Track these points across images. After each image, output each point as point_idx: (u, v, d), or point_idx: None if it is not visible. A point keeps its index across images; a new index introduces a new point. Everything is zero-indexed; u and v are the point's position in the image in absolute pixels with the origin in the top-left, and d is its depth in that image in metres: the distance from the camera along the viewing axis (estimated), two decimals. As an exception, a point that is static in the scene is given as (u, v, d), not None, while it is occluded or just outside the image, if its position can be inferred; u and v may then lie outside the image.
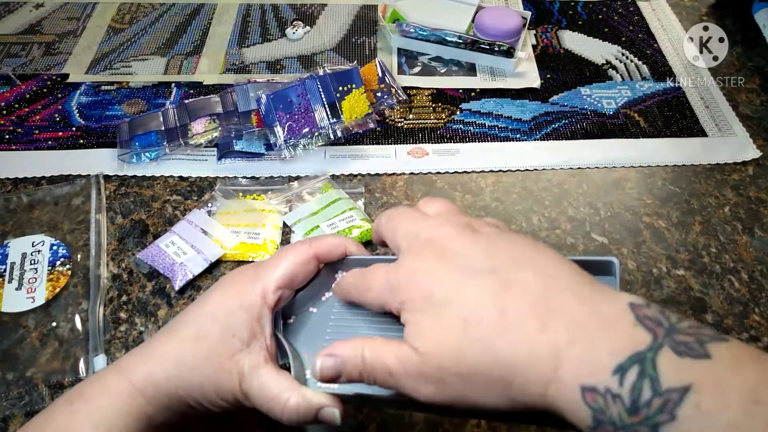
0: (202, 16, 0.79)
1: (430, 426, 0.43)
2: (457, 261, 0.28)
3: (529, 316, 0.25)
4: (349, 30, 0.77)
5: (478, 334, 0.26)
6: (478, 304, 0.26)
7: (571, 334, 0.24)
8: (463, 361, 0.26)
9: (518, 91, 0.69)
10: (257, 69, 0.72)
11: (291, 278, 0.35)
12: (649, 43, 0.76)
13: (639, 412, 0.22)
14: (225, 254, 0.52)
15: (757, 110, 0.68)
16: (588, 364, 0.23)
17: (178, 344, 0.34)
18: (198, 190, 0.59)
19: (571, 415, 0.24)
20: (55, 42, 0.74)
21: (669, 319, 0.23)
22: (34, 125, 0.64)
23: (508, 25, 0.71)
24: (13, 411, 0.44)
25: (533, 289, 0.26)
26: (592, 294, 0.25)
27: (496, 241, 0.29)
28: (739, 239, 0.55)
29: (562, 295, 0.25)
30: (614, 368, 0.22)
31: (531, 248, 0.28)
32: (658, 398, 0.21)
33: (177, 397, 0.33)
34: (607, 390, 0.22)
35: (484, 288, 0.27)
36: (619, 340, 0.23)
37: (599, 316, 0.24)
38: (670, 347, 0.22)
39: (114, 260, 0.53)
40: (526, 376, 0.25)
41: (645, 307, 0.24)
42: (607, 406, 0.22)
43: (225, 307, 0.34)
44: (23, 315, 0.49)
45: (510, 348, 0.25)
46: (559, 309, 0.25)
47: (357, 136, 0.64)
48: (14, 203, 0.57)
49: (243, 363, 0.33)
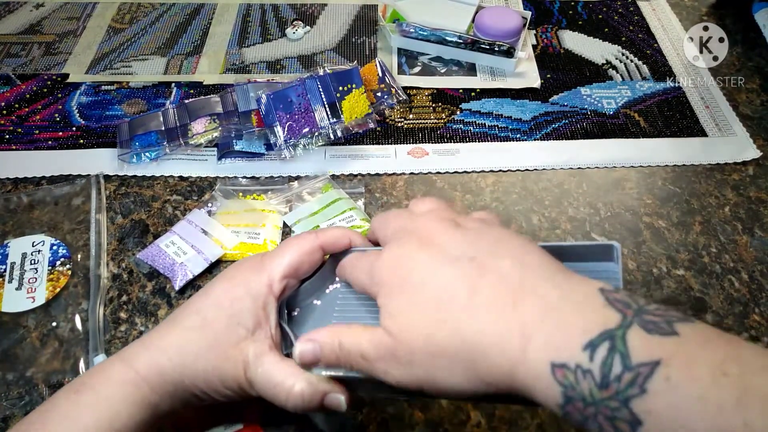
0: (202, 16, 0.79)
1: (430, 426, 0.43)
2: (438, 250, 0.29)
3: (501, 297, 0.26)
4: (350, 30, 0.77)
5: (447, 315, 0.27)
6: (452, 287, 0.27)
7: (542, 313, 0.25)
8: (432, 341, 0.27)
9: (518, 91, 0.69)
10: (257, 69, 0.72)
11: (296, 267, 0.35)
12: (649, 43, 0.76)
13: (609, 387, 0.22)
14: (225, 254, 0.52)
15: (757, 110, 0.68)
16: (558, 341, 0.24)
17: (183, 333, 0.34)
18: (198, 190, 0.59)
19: (541, 393, 0.24)
20: (55, 42, 0.74)
21: (638, 302, 0.24)
22: (34, 125, 0.64)
23: (508, 25, 0.71)
24: (13, 411, 0.44)
25: (508, 274, 0.27)
26: (564, 281, 0.26)
27: (480, 234, 0.29)
28: (739, 239, 0.55)
29: (536, 280, 0.26)
30: (584, 344, 0.23)
31: (512, 240, 0.29)
32: (628, 372, 0.22)
33: (182, 386, 0.33)
34: (577, 366, 0.23)
35: (460, 272, 0.27)
36: (589, 318, 0.24)
37: (570, 299, 0.25)
38: (640, 325, 0.23)
39: (114, 260, 0.53)
40: (494, 356, 0.25)
41: (615, 291, 0.25)
42: (578, 382, 0.23)
43: (230, 295, 0.34)
44: (23, 315, 0.49)
45: (478, 326, 0.26)
46: (531, 291, 0.26)
47: (357, 136, 0.64)
48: (14, 203, 0.57)
49: (248, 351, 0.33)
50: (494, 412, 0.44)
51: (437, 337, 0.26)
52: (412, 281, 0.28)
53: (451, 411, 0.44)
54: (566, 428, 0.43)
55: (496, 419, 0.43)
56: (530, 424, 0.43)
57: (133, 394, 0.32)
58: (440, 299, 0.27)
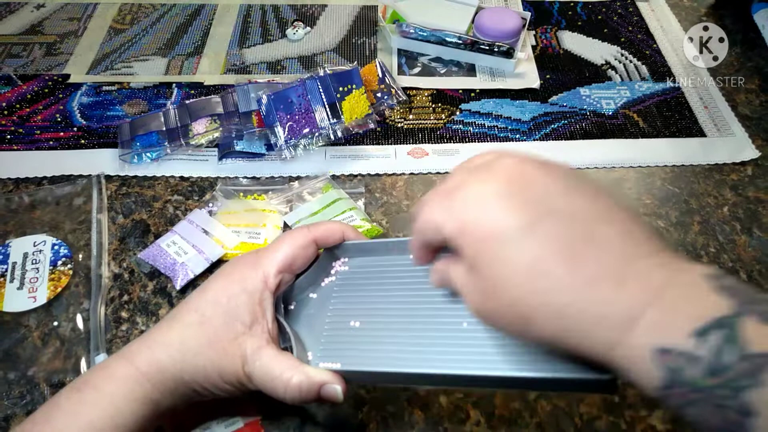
0: (202, 16, 0.79)
1: (430, 424, 0.43)
2: (531, 191, 0.26)
3: (606, 273, 0.24)
4: (350, 31, 0.77)
5: (544, 286, 0.24)
6: (551, 252, 0.24)
7: (648, 296, 0.23)
8: (519, 311, 0.25)
9: (518, 91, 0.69)
10: (258, 69, 0.72)
11: (291, 261, 0.36)
12: (648, 43, 0.76)
13: (719, 375, 0.21)
14: (226, 254, 0.53)
15: (756, 110, 0.68)
16: (665, 326, 0.23)
17: (182, 330, 0.34)
18: (199, 190, 0.59)
19: (638, 374, 0.23)
20: (56, 42, 0.75)
21: (746, 290, 0.23)
22: (36, 125, 0.65)
23: (507, 26, 0.71)
24: (14, 410, 0.44)
25: (613, 245, 0.24)
26: (668, 260, 0.24)
27: (573, 179, 0.26)
28: (738, 239, 0.56)
29: (640, 256, 0.24)
30: (694, 331, 0.22)
31: (609, 199, 0.26)
32: (743, 362, 0.21)
33: (183, 382, 0.33)
34: (684, 352, 0.22)
35: (560, 234, 0.24)
36: (698, 304, 0.23)
37: (677, 281, 0.23)
38: (756, 315, 0.22)
39: (115, 260, 0.53)
40: (592, 336, 0.24)
41: (722, 277, 0.24)
42: (684, 368, 0.22)
43: (227, 291, 0.35)
44: (25, 314, 0.49)
45: (580, 305, 0.24)
46: (636, 270, 0.24)
47: (357, 136, 0.64)
48: (16, 203, 0.57)
49: (245, 346, 0.34)
50: (494, 411, 0.44)
51: (528, 307, 0.25)
52: (499, 233, 0.25)
53: (450, 410, 0.44)
54: (566, 427, 0.43)
55: (496, 418, 0.44)
56: (529, 423, 0.43)
57: (135, 390, 0.32)
58: (535, 266, 0.24)
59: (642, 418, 0.43)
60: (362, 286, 0.38)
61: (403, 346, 0.33)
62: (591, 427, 0.43)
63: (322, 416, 0.44)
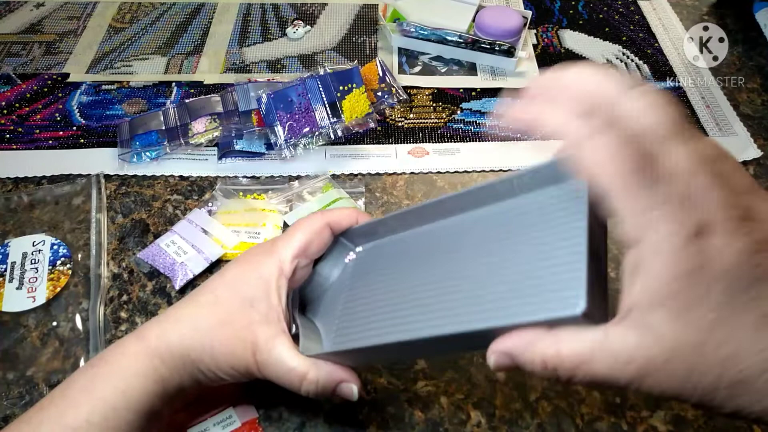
0: (202, 15, 0.79)
1: (430, 425, 0.43)
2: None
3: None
4: (350, 29, 0.77)
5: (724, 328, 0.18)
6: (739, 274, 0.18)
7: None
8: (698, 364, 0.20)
9: (519, 90, 0.69)
10: (258, 68, 0.72)
11: (305, 247, 0.36)
12: (649, 42, 0.76)
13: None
14: (225, 254, 0.52)
15: (757, 110, 0.68)
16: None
17: (195, 309, 0.35)
18: (198, 189, 0.59)
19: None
20: (55, 41, 0.74)
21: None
22: (35, 124, 0.64)
23: (508, 25, 0.71)
24: (13, 410, 0.44)
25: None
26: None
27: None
28: (740, 239, 0.55)
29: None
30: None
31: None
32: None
33: (189, 361, 0.34)
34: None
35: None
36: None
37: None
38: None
39: (114, 260, 0.53)
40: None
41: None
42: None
43: (243, 277, 0.35)
44: (24, 314, 0.49)
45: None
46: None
47: (357, 135, 0.64)
48: (15, 203, 0.57)
49: (258, 334, 0.34)
50: (494, 412, 0.44)
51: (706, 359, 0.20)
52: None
53: (451, 411, 0.44)
54: (567, 428, 0.43)
55: (497, 419, 0.43)
56: (530, 424, 0.43)
57: (145, 366, 0.33)
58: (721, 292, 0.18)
59: (643, 419, 0.43)
60: (378, 269, 0.37)
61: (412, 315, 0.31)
62: (592, 427, 0.43)
63: (321, 416, 0.43)
